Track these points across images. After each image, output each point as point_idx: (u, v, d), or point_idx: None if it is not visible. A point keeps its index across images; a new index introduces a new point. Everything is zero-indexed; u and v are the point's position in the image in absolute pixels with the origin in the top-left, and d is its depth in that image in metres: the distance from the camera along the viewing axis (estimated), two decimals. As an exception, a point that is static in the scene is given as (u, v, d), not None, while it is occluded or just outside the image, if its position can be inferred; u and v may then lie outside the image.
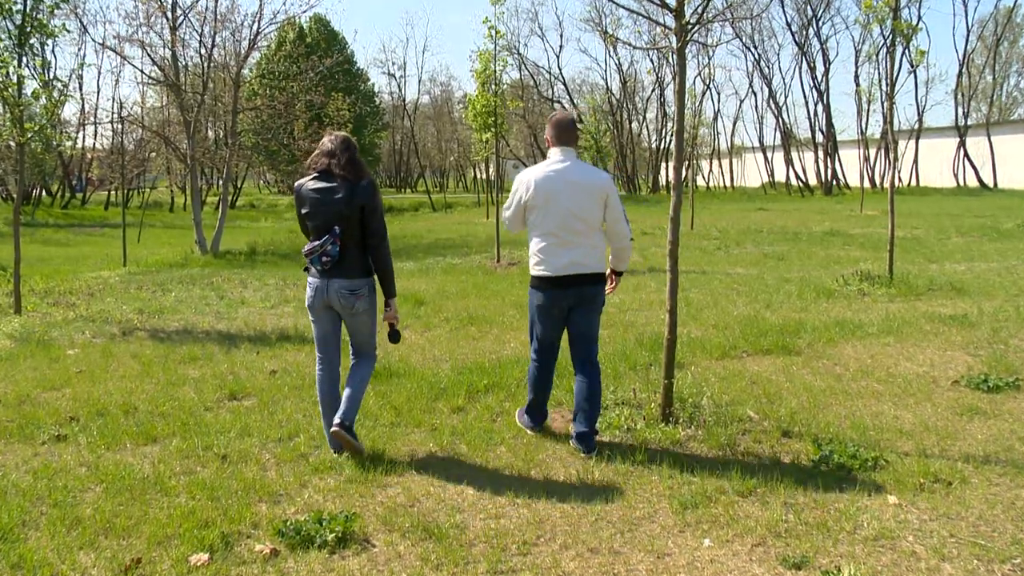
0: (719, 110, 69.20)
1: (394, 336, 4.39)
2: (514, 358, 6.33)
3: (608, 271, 4.56)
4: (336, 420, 4.18)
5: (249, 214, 40.26)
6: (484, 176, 60.48)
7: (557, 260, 4.31)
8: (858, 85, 44.63)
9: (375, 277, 4.24)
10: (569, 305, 4.38)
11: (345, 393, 4.27)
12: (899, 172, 45.74)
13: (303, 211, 4.19)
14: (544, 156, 5.39)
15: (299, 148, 20.48)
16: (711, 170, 58.83)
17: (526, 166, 53.67)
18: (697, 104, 45.38)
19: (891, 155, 9.81)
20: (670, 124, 51.63)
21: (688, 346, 6.57)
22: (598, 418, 4.47)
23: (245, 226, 32.53)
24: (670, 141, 50.53)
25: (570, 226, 4.30)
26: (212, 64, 20.31)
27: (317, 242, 4.13)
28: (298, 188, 4.21)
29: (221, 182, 23.06)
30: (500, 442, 4.47)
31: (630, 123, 54.41)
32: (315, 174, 4.19)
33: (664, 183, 56.57)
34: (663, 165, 54.79)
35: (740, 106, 79.75)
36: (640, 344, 6.69)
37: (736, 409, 4.88)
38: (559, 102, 53.65)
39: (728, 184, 58.31)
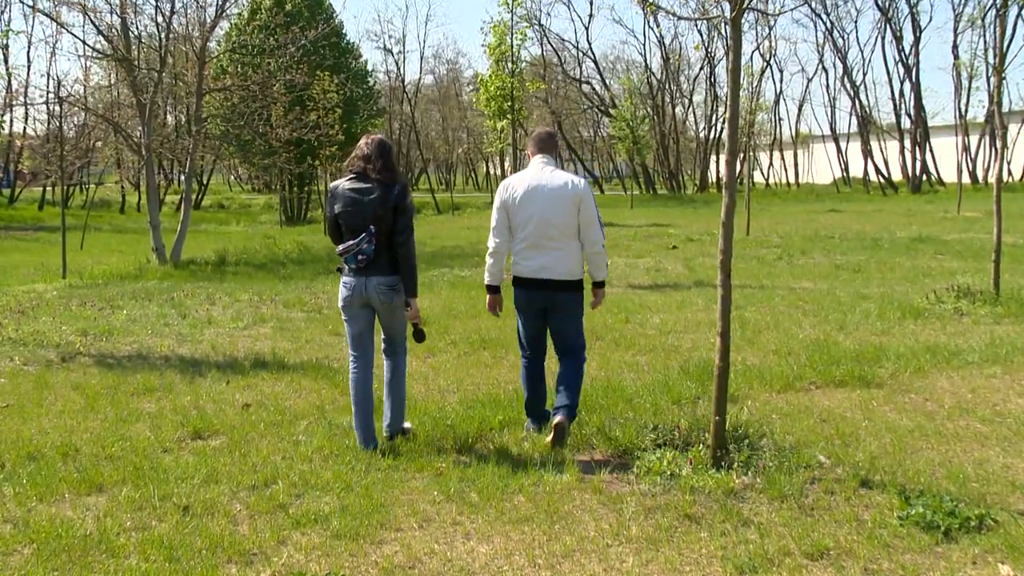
0: (781, 91, 69.17)
1: (419, 335, 5.36)
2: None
3: (587, 283, 5.40)
4: (385, 432, 5.37)
5: (217, 216, 40.73)
6: (498, 172, 60.98)
7: (528, 263, 5.36)
8: (957, 58, 44.38)
9: None
10: (542, 307, 5.43)
11: (388, 403, 5.38)
12: (1008, 164, 45.19)
13: (337, 210, 5.22)
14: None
15: (277, 137, 20.62)
16: (771, 164, 58.91)
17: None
18: (755, 84, 45.48)
19: (998, 143, 9.78)
20: (721, 109, 51.76)
21: (743, 376, 6.58)
22: (577, 401, 5.41)
23: (212, 230, 32.85)
24: (722, 130, 50.61)
25: (544, 231, 5.28)
26: (171, 35, 20.43)
27: (352, 241, 5.13)
28: (334, 188, 5.27)
29: (183, 178, 23.34)
30: (518, 490, 4.51)
31: (673, 108, 54.60)
32: (352, 175, 5.22)
33: (714, 180, 56.57)
34: (713, 158, 54.83)
35: (807, 86, 79.91)
36: (685, 373, 6.70)
37: (803, 453, 4.88)
38: (587, 82, 53.99)
39: (792, 181, 58.28)
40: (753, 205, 29.21)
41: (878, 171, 47.12)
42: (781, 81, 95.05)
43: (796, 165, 57.71)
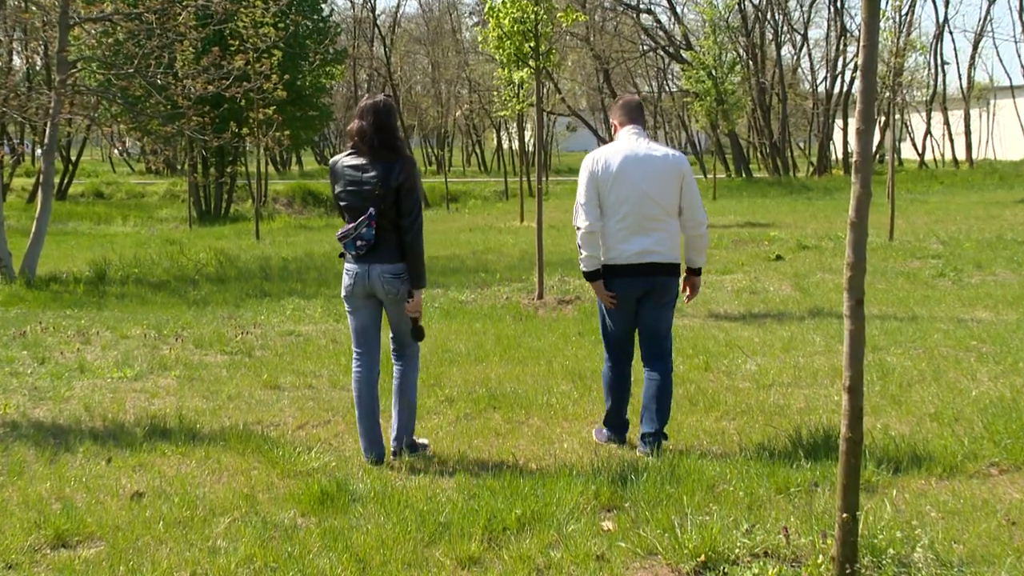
0: (947, 21, 68.83)
1: (417, 332, 6.67)
2: (569, 466, 6.39)
3: (683, 271, 6.90)
4: (392, 446, 6.73)
5: (94, 210, 41.02)
6: (515, 145, 60.98)
7: (628, 247, 6.75)
8: None
9: None
10: (637, 297, 6.87)
11: (395, 411, 6.73)
12: None
13: (337, 190, 6.58)
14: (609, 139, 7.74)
15: (185, 93, 20.76)
16: (929, 131, 58.57)
17: (593, 131, 53.97)
18: (903, 14, 45.39)
19: None
20: (852, 49, 51.72)
21: (886, 452, 6.56)
22: (668, 420, 6.96)
23: (86, 231, 33.09)
24: (852, 81, 50.56)
25: (646, 211, 6.73)
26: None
27: (351, 225, 6.44)
28: (334, 164, 6.62)
29: (40, 152, 23.40)
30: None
31: (779, 49, 54.73)
32: (351, 149, 6.50)
33: (839, 157, 56.45)
34: (838, 125, 54.77)
35: (988, 10, 79.32)
36: (796, 447, 6.68)
37: (980, 572, 4.86)
38: (649, 11, 54.11)
39: (962, 156, 58.00)
40: (900, 195, 29.20)
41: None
42: (947, 5, 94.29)
43: (968, 132, 57.35)
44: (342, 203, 6.59)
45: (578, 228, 6.88)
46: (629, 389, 7.18)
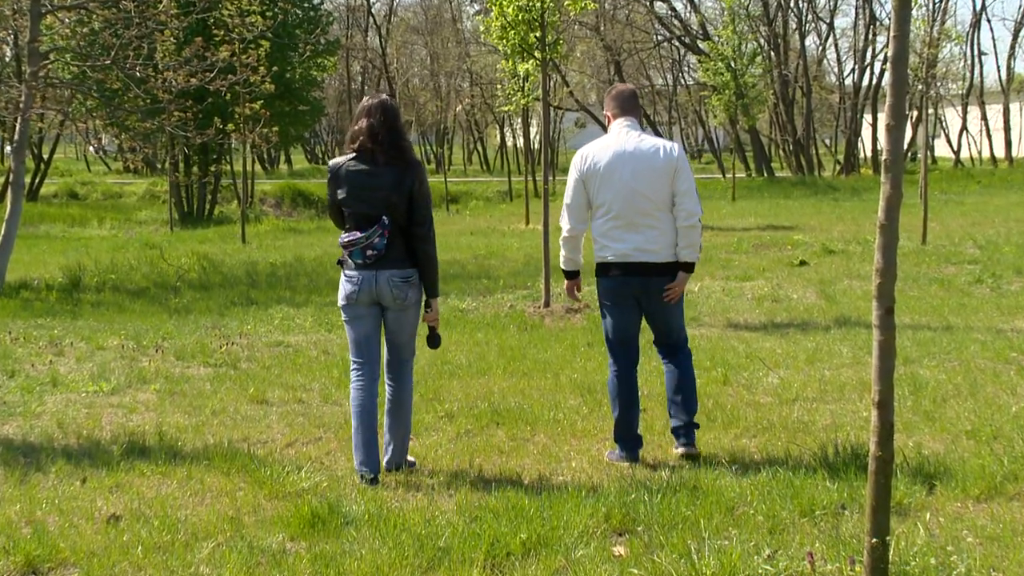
0: (984, 8, 68.88)
1: (434, 340, 7.00)
2: (577, 487, 6.37)
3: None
4: (385, 466, 6.89)
5: (68, 211, 41.05)
6: (519, 143, 61.03)
7: (619, 245, 6.99)
8: None
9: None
10: (636, 297, 7.11)
11: (389, 435, 6.93)
12: None
13: (340, 196, 6.75)
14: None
15: (166, 87, 20.78)
16: (965, 127, 58.60)
17: (603, 127, 53.28)
18: (938, 1, 45.45)
19: None
20: (882, 39, 51.74)
21: (919, 473, 6.55)
22: (696, 408, 7.24)
23: (59, 234, 33.10)
24: (882, 73, 50.58)
25: (636, 206, 6.95)
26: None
27: (360, 233, 6.61)
28: (335, 168, 6.78)
29: (10, 149, 23.40)
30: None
31: (802, 39, 54.80)
32: (354, 152, 6.67)
33: (868, 155, 56.42)
34: (866, 120, 54.77)
35: None
36: (821, 466, 6.67)
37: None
38: (664, -3, 54.12)
39: (1001, 154, 57.94)
40: (934, 195, 29.17)
41: None
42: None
43: (1008, 128, 57.32)
44: (346, 209, 6.75)
45: (561, 230, 7.26)
46: (637, 398, 7.29)
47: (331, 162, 6.89)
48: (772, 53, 51.13)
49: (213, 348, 11.63)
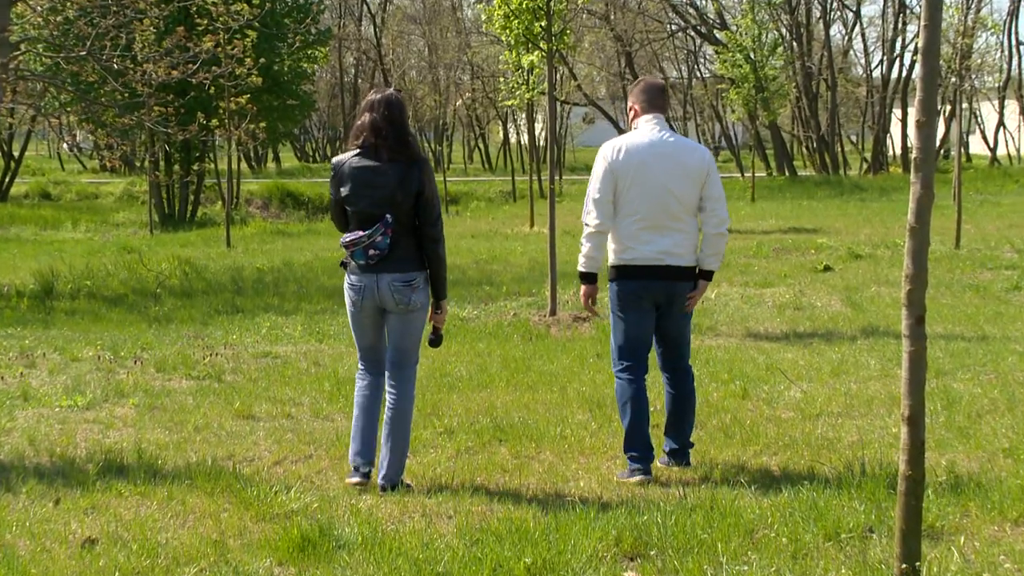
0: (1021, 0, 68.69)
1: (436, 339, 7.24)
2: (586, 507, 6.34)
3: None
4: (380, 483, 6.94)
5: (39, 213, 41.05)
6: (524, 140, 60.94)
7: (646, 247, 7.11)
8: None
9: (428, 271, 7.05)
10: (657, 302, 7.22)
11: (387, 448, 6.97)
12: None
13: (343, 193, 6.92)
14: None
15: (145, 79, 20.77)
16: (1002, 123, 58.55)
17: (613, 122, 53.74)
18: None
19: None
20: (912, 28, 51.72)
21: (952, 493, 6.53)
22: (692, 431, 7.53)
23: (31, 237, 33.08)
24: (912, 65, 50.54)
25: (667, 208, 7.10)
26: None
27: (363, 232, 6.76)
28: (339, 164, 6.97)
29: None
30: None
31: (827, 28, 54.79)
32: (358, 149, 6.86)
33: (897, 152, 56.37)
34: (895, 115, 54.73)
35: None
36: (847, 487, 6.66)
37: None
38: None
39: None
40: (968, 196, 29.13)
41: None
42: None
43: (1047, 124, 57.38)
44: (350, 208, 6.94)
45: (586, 225, 7.26)
46: (647, 408, 7.33)
47: (334, 159, 7.09)
48: (794, 43, 51.15)
49: (196, 359, 11.62)
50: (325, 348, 12.28)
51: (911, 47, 51.39)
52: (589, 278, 7.40)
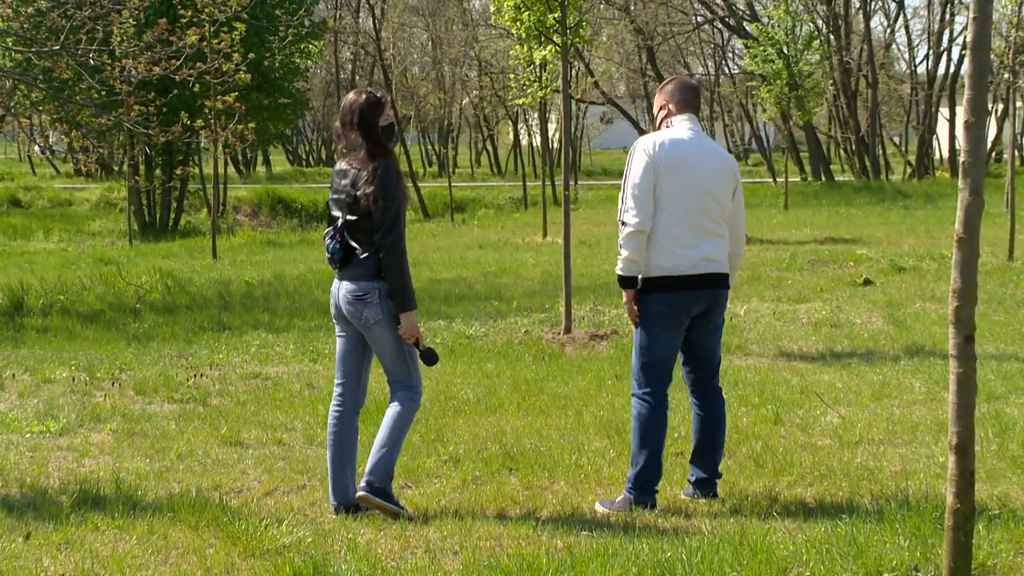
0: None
1: (428, 357, 7.20)
2: (603, 543, 6.34)
3: None
4: (363, 481, 7.06)
5: (9, 220, 41.21)
6: (536, 141, 60.95)
7: (689, 252, 7.13)
8: None
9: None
10: (696, 313, 7.26)
11: (377, 447, 7.08)
12: None
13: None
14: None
15: (124, 76, 20.81)
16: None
17: (633, 122, 53.66)
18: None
19: None
20: (959, 22, 51.70)
21: (1004, 528, 6.51)
22: (722, 459, 7.58)
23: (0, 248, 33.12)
24: (961, 60, 50.51)
25: (708, 211, 7.19)
26: None
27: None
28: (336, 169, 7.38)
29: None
30: None
31: (867, 21, 54.78)
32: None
33: (944, 156, 56.29)
34: (941, 116, 54.69)
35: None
36: (889, 522, 6.64)
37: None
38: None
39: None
40: (1022, 203, 29.02)
41: None
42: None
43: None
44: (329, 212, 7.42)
45: (624, 224, 7.17)
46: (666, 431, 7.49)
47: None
48: (831, 36, 51.14)
49: (179, 381, 11.64)
50: (320, 368, 12.29)
51: (959, 40, 51.42)
52: (631, 282, 7.26)
